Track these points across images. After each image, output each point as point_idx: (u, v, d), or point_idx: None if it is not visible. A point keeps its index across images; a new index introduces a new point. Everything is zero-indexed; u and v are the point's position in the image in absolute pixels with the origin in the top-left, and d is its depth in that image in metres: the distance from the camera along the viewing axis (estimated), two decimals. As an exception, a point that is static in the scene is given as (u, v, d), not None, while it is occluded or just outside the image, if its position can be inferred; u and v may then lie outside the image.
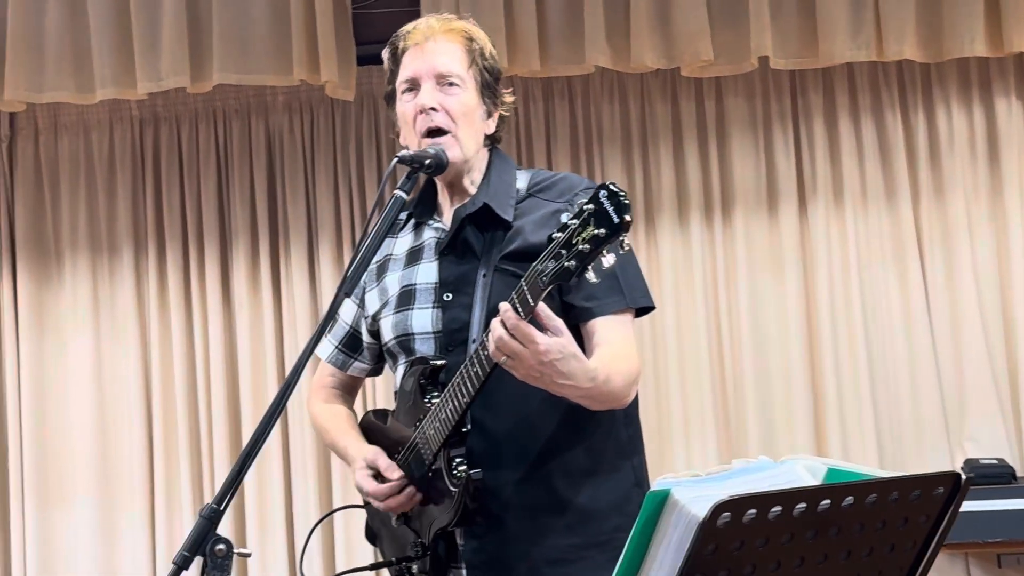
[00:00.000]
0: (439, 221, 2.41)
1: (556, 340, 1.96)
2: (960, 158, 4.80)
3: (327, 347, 2.63)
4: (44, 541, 4.95)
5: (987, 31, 4.46)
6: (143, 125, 5.09)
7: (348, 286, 2.02)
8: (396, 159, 2.16)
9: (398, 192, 2.10)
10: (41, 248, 5.10)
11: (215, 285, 4.98)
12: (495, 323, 1.97)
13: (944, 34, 4.48)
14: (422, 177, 2.36)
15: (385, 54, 2.41)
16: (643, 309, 2.33)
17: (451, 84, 2.30)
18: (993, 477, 4.34)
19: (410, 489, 2.28)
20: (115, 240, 5.06)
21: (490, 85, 2.35)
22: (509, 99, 2.41)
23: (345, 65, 4.57)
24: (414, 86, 2.32)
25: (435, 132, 2.28)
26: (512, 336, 1.94)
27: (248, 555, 1.87)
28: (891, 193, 4.81)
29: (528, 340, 1.94)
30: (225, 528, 4.86)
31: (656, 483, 1.48)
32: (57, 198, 5.10)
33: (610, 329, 2.24)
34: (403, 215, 2.46)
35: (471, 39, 2.35)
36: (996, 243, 4.76)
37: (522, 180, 2.38)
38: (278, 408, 1.87)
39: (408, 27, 2.38)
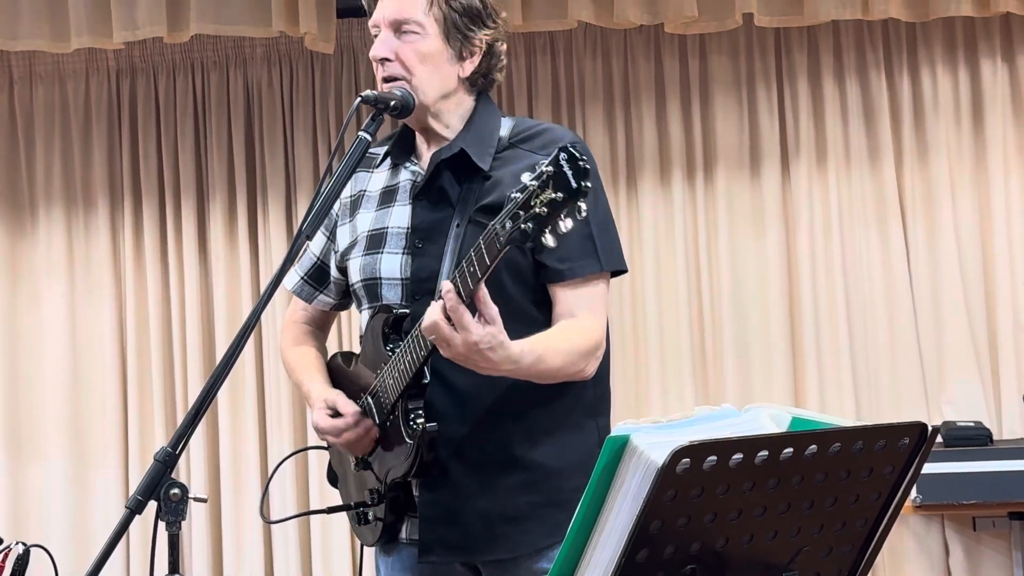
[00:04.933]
0: (416, 164, 2.34)
1: (488, 330, 1.93)
2: (944, 120, 4.76)
3: (293, 278, 2.57)
4: (16, 496, 4.92)
5: (973, -10, 4.43)
6: (120, 76, 5.02)
7: (309, 228, 1.98)
8: (359, 98, 2.11)
9: (362, 133, 2.06)
10: (15, 200, 5.04)
11: (191, 239, 4.93)
12: (434, 305, 1.94)
13: (930, -7, 4.45)
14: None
15: None
16: (616, 273, 2.30)
17: (406, 32, 2.22)
18: (970, 439, 4.33)
19: (367, 422, 2.26)
20: (90, 192, 5.00)
21: (459, 25, 2.23)
22: (485, 35, 2.26)
23: (324, 17, 4.51)
24: (377, 33, 2.27)
25: (390, 80, 2.23)
26: (447, 319, 1.92)
27: (204, 500, 1.84)
28: (874, 154, 4.78)
29: (461, 327, 1.91)
30: (199, 468, 4.84)
31: (616, 428, 1.46)
32: (32, 149, 5.03)
33: (577, 297, 2.21)
34: (380, 150, 2.41)
35: None
36: (978, 206, 4.74)
37: (505, 128, 2.31)
38: (235, 353, 1.84)
39: None
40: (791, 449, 1.45)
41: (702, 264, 4.80)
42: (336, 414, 2.29)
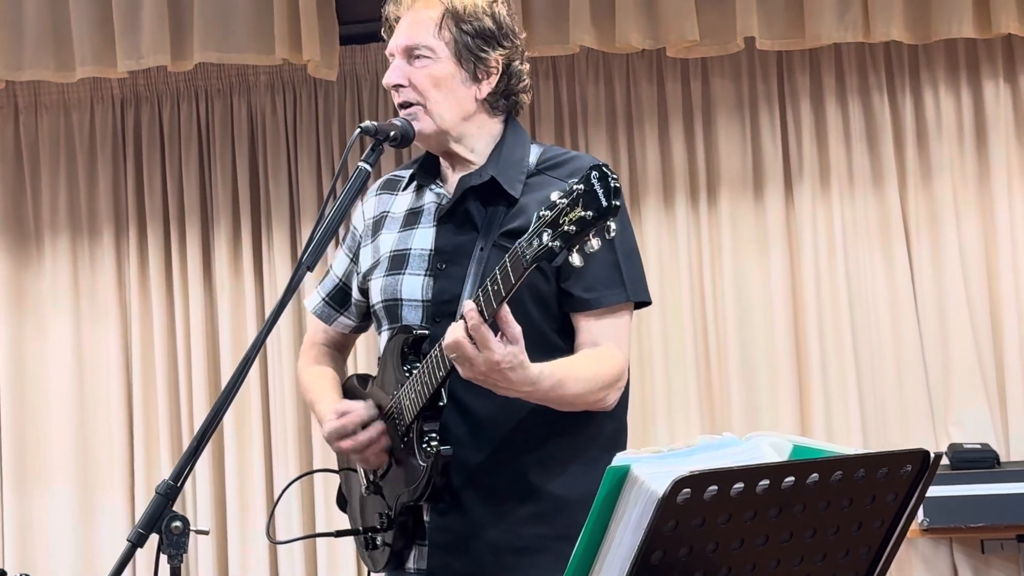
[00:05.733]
0: (441, 187, 2.34)
1: (510, 349, 1.92)
2: (947, 141, 4.76)
3: (315, 298, 2.57)
4: (22, 525, 4.92)
5: (975, 12, 4.42)
6: (124, 104, 5.05)
7: (310, 259, 1.98)
8: (359, 129, 2.12)
9: (362, 164, 2.06)
10: (21, 229, 5.06)
11: (196, 267, 4.95)
12: (455, 325, 1.94)
13: (932, 15, 4.44)
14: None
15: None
16: (639, 303, 2.29)
17: (418, 57, 2.23)
18: (977, 462, 4.31)
19: (379, 424, 2.23)
20: (95, 221, 5.02)
21: (471, 47, 2.23)
22: (500, 55, 2.25)
23: (327, 44, 4.53)
24: (392, 61, 2.28)
25: (405, 106, 2.24)
26: (469, 337, 1.91)
27: (206, 533, 1.83)
28: (878, 176, 4.77)
29: (484, 345, 1.91)
30: (204, 496, 4.83)
31: (616, 459, 1.45)
32: (37, 178, 5.06)
33: (601, 327, 2.20)
34: (406, 173, 2.41)
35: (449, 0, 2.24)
36: (983, 228, 4.72)
37: (533, 155, 2.31)
38: (236, 384, 1.84)
39: None
40: (793, 478, 1.44)
41: (706, 287, 4.80)
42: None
